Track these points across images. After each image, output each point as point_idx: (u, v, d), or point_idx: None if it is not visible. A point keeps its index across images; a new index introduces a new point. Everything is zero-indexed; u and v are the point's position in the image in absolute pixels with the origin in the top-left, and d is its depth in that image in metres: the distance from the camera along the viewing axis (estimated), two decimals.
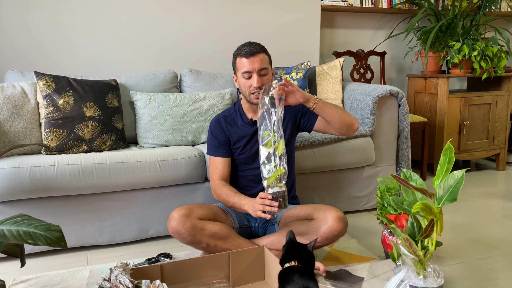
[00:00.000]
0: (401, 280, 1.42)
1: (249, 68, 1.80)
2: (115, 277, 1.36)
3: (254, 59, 1.79)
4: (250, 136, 1.92)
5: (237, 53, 1.85)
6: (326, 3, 3.35)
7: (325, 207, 1.77)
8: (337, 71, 2.73)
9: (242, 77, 1.83)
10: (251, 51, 1.80)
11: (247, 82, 1.82)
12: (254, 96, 1.81)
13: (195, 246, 1.76)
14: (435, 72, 3.35)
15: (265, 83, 1.81)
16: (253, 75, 1.80)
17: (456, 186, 1.43)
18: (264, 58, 1.83)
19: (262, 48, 1.84)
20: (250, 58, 1.79)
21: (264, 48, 1.86)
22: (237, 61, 1.85)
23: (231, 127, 1.94)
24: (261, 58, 1.81)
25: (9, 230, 1.28)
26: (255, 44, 1.83)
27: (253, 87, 1.80)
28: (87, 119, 2.17)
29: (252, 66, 1.79)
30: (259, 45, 1.85)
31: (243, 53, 1.81)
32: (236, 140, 1.93)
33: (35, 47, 2.70)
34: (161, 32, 2.93)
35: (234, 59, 1.88)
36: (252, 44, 1.83)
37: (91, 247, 2.10)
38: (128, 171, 2.03)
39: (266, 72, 1.82)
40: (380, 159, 2.55)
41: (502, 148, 3.51)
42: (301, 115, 1.96)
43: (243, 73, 1.81)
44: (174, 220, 1.71)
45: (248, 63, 1.80)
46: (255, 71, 1.79)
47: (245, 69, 1.80)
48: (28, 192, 1.90)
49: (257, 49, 1.81)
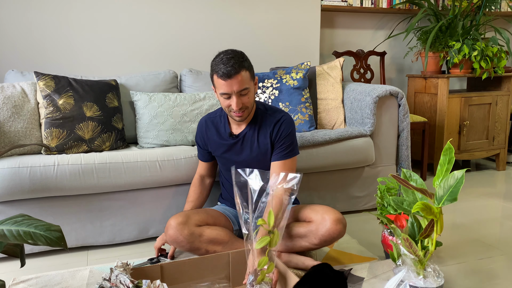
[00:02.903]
0: (401, 280, 1.42)
1: (227, 90, 1.66)
2: (116, 277, 1.36)
3: (232, 81, 1.64)
4: (227, 148, 1.87)
5: (214, 69, 1.68)
6: (326, 3, 3.35)
7: (323, 209, 1.75)
8: (337, 71, 2.73)
9: (221, 96, 1.70)
10: (228, 72, 1.62)
11: (226, 102, 1.70)
12: (235, 114, 1.72)
13: (194, 252, 1.76)
14: (435, 72, 3.35)
15: (246, 102, 1.70)
16: (232, 97, 1.67)
17: (456, 186, 1.43)
18: (244, 76, 1.66)
19: (240, 65, 1.65)
20: (228, 80, 1.64)
21: (244, 61, 1.68)
22: (214, 79, 1.69)
23: (211, 130, 1.90)
24: (239, 80, 1.64)
25: (9, 230, 1.28)
26: (233, 61, 1.63)
27: (232, 109, 1.70)
28: (87, 119, 2.17)
29: (231, 89, 1.65)
30: (238, 61, 1.65)
31: (220, 73, 1.64)
32: (212, 143, 1.91)
33: (35, 47, 2.70)
34: (161, 32, 2.94)
35: (211, 72, 1.71)
36: (230, 60, 1.64)
37: (91, 247, 2.11)
38: (128, 171, 2.03)
39: (247, 92, 1.69)
40: (380, 159, 2.55)
41: (502, 148, 3.51)
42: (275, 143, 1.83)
43: (221, 94, 1.68)
44: (171, 229, 1.70)
45: (226, 86, 1.65)
46: (234, 93, 1.66)
47: (223, 90, 1.67)
48: (28, 192, 1.90)
49: (235, 68, 1.63)
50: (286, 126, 1.82)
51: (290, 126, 1.83)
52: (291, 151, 1.82)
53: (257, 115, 1.84)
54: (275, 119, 1.83)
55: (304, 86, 2.62)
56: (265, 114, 1.85)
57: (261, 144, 1.83)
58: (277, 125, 1.81)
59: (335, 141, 2.38)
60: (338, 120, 2.66)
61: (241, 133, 1.84)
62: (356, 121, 2.57)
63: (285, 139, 1.81)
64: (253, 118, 1.84)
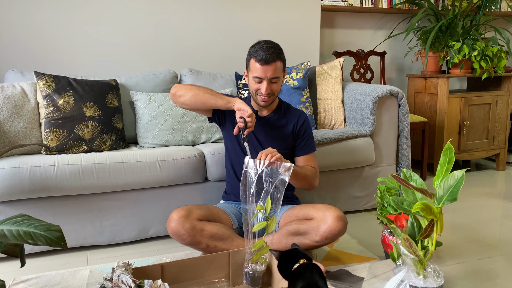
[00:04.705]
0: (401, 280, 1.42)
1: (261, 75, 1.79)
2: (118, 276, 1.36)
3: (268, 67, 1.78)
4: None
5: (253, 53, 1.81)
6: (326, 3, 3.35)
7: (324, 207, 1.77)
8: (337, 71, 2.73)
9: (253, 79, 1.83)
10: (267, 59, 1.76)
11: (256, 85, 1.83)
12: (261, 98, 1.85)
13: (195, 247, 1.76)
14: (435, 72, 3.35)
15: (274, 89, 1.84)
16: (264, 82, 1.81)
17: (456, 186, 1.43)
18: (279, 66, 1.81)
19: (278, 55, 1.80)
20: (264, 66, 1.77)
21: (281, 53, 1.83)
22: (251, 62, 1.82)
23: None
24: (274, 68, 1.79)
25: (9, 230, 1.28)
26: (272, 50, 1.78)
27: (261, 93, 1.83)
28: (87, 119, 2.17)
29: (265, 74, 1.79)
30: (277, 51, 1.80)
31: (259, 58, 1.78)
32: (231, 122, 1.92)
33: (35, 47, 2.70)
34: (161, 32, 2.93)
35: (248, 57, 1.85)
36: (270, 48, 1.78)
37: (91, 247, 2.10)
38: (128, 171, 2.03)
39: (277, 81, 1.83)
40: (380, 159, 2.55)
41: (502, 148, 3.51)
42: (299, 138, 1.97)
43: (255, 77, 1.81)
44: (173, 222, 1.71)
45: (262, 70, 1.78)
46: (267, 79, 1.80)
47: (257, 74, 1.80)
48: (28, 192, 1.90)
49: (273, 57, 1.77)
50: (308, 121, 2.01)
51: (309, 122, 2.04)
52: (314, 146, 2.01)
53: (281, 106, 2.00)
54: (298, 112, 2.01)
55: (304, 86, 2.62)
56: (288, 107, 2.02)
57: (283, 130, 1.95)
58: (301, 119, 1.98)
59: (335, 141, 2.38)
60: (338, 120, 2.66)
61: (265, 116, 1.96)
62: (356, 121, 2.57)
63: (309, 134, 1.98)
64: (277, 108, 1.98)
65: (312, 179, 1.92)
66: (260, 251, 1.57)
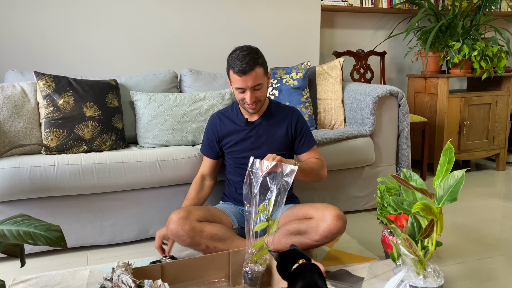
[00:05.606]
0: (401, 280, 1.42)
1: (242, 85, 1.77)
2: (118, 276, 1.36)
3: (247, 77, 1.75)
4: (243, 137, 1.94)
5: (230, 64, 1.78)
6: (326, 3, 3.35)
7: (323, 206, 1.77)
8: (337, 71, 2.73)
9: (236, 90, 1.82)
10: (243, 69, 1.73)
11: (241, 95, 1.82)
12: (249, 106, 1.83)
13: (195, 248, 1.76)
14: (435, 72, 3.35)
15: (259, 96, 1.81)
16: (247, 91, 1.78)
17: (456, 186, 1.43)
18: (259, 72, 1.77)
19: (255, 62, 1.75)
20: (243, 76, 1.74)
21: (258, 57, 1.77)
22: (230, 73, 1.80)
23: (225, 122, 1.97)
24: (254, 76, 1.75)
25: (9, 230, 1.28)
26: (248, 58, 1.73)
27: (246, 102, 1.81)
28: (87, 119, 2.17)
29: (246, 84, 1.76)
30: (253, 58, 1.75)
31: (236, 69, 1.74)
32: (227, 134, 1.95)
33: (35, 47, 2.70)
34: (161, 32, 2.94)
35: (227, 67, 1.81)
36: (245, 57, 1.73)
37: (91, 247, 2.10)
38: (128, 171, 2.03)
39: (260, 87, 1.80)
40: (380, 159, 2.55)
41: (502, 148, 3.51)
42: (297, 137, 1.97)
43: (236, 88, 1.80)
44: (173, 223, 1.71)
45: (241, 81, 1.76)
46: (249, 88, 1.77)
47: (238, 85, 1.78)
48: (28, 192, 1.90)
49: (250, 65, 1.73)
50: (301, 117, 1.99)
51: (303, 118, 2.01)
52: (314, 140, 2.00)
53: (271, 107, 1.97)
54: (289, 110, 1.98)
55: (304, 86, 2.62)
56: (278, 106, 1.99)
57: (276, 132, 1.94)
58: (294, 117, 1.96)
59: (335, 141, 2.38)
60: (338, 120, 2.66)
61: (256, 121, 1.94)
62: (356, 121, 2.57)
63: (306, 130, 1.97)
64: (267, 110, 1.96)
65: (318, 170, 1.91)
66: (260, 252, 1.58)
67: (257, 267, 1.58)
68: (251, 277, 1.58)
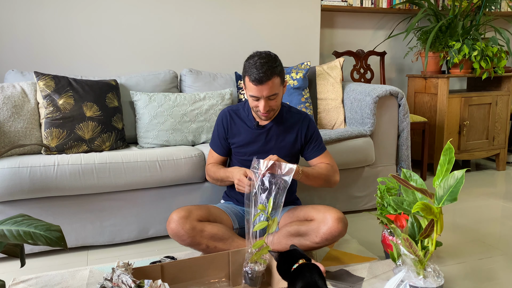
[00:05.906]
0: (401, 280, 1.42)
1: (257, 94, 1.72)
2: (118, 276, 1.36)
3: (263, 87, 1.69)
4: (252, 140, 1.91)
5: (247, 70, 1.72)
6: (326, 3, 3.34)
7: (324, 208, 1.77)
8: (337, 71, 2.73)
9: (250, 97, 1.77)
10: (260, 78, 1.67)
11: (254, 103, 1.78)
12: (262, 114, 1.80)
13: (195, 247, 1.76)
14: (435, 72, 3.35)
15: (273, 105, 1.78)
16: (261, 100, 1.74)
17: (456, 186, 1.43)
18: (276, 83, 1.72)
19: (273, 71, 1.69)
20: (259, 86, 1.69)
21: (276, 66, 1.71)
22: (246, 80, 1.74)
23: (236, 121, 1.93)
24: (270, 86, 1.70)
25: (9, 230, 1.28)
26: (266, 67, 1.67)
27: (259, 110, 1.78)
28: (87, 119, 2.17)
29: (261, 93, 1.71)
30: (271, 67, 1.69)
31: (252, 77, 1.68)
32: (236, 134, 1.92)
33: (35, 47, 2.70)
34: (161, 32, 2.93)
35: (243, 72, 1.76)
36: (263, 65, 1.67)
37: (91, 247, 2.10)
38: (128, 171, 2.03)
39: (275, 97, 1.76)
40: (380, 159, 2.55)
41: (502, 148, 3.51)
42: (307, 143, 1.94)
43: (251, 95, 1.75)
44: (173, 222, 1.71)
45: (257, 90, 1.71)
46: (263, 98, 1.73)
47: (253, 93, 1.73)
48: (28, 192, 1.90)
49: (267, 75, 1.67)
50: (312, 123, 1.96)
51: (314, 123, 1.99)
52: (324, 145, 1.98)
53: (283, 111, 1.93)
54: (301, 116, 1.95)
55: (304, 86, 2.62)
56: (289, 111, 1.95)
57: (286, 137, 1.91)
58: (305, 123, 1.93)
59: (335, 141, 2.38)
60: (338, 120, 2.66)
61: (266, 125, 1.91)
62: (356, 121, 2.57)
63: (316, 136, 1.95)
64: (279, 114, 1.91)
65: (328, 176, 1.88)
66: (260, 251, 1.58)
67: (257, 267, 1.59)
68: (251, 277, 1.59)
